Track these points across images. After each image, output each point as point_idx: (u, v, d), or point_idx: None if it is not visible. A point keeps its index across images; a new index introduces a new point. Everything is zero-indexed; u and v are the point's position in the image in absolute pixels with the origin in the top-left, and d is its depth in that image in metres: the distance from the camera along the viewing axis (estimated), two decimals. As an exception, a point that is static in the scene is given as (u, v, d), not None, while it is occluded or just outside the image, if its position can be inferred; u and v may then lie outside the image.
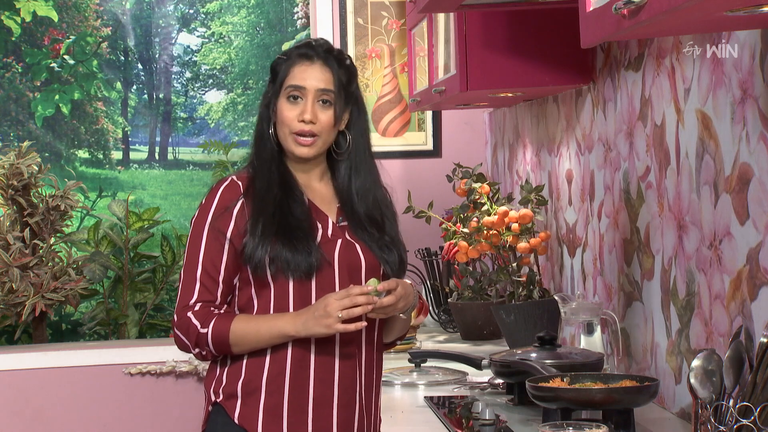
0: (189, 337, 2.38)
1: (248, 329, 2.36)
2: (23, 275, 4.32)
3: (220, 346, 2.37)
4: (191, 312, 2.38)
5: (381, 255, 2.46)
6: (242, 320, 2.38)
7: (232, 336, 2.36)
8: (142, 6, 4.94)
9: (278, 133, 2.46)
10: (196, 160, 5.04)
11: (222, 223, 2.40)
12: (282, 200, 2.41)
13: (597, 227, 3.18)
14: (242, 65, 5.00)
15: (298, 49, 2.48)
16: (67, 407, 4.37)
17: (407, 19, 4.22)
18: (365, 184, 2.50)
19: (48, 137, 4.87)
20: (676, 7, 1.50)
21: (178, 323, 2.40)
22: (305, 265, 2.36)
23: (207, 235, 2.41)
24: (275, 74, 2.48)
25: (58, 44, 4.85)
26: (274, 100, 2.46)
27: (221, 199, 2.43)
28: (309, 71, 2.44)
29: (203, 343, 2.37)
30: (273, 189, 2.41)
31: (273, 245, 2.36)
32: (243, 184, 2.44)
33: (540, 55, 3.24)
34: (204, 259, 2.40)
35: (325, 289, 2.38)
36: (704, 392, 2.13)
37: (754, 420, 1.97)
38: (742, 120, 2.19)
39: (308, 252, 2.37)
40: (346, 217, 2.48)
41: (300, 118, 2.42)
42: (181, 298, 2.41)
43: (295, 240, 2.37)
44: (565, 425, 2.12)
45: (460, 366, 3.22)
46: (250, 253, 2.36)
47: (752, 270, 2.17)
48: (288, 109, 2.44)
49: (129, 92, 4.96)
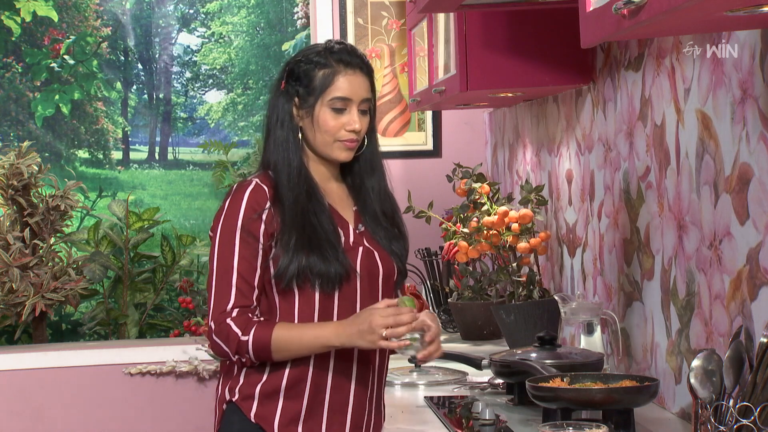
0: (229, 345, 2.36)
1: (291, 338, 2.36)
2: (23, 275, 4.32)
3: (260, 353, 2.36)
4: (230, 318, 2.35)
5: (392, 250, 2.50)
6: (284, 328, 2.37)
7: (273, 343, 2.35)
8: (142, 6, 4.94)
9: (314, 139, 2.45)
10: (196, 160, 5.04)
11: (253, 227, 2.38)
12: (310, 212, 2.40)
13: (597, 227, 3.18)
14: (242, 65, 4.99)
15: (334, 55, 2.44)
16: (67, 407, 4.37)
17: (407, 19, 4.22)
18: (379, 181, 2.53)
19: (48, 137, 4.87)
20: (676, 7, 1.50)
21: (216, 330, 2.36)
22: (336, 278, 2.39)
23: (239, 238, 2.38)
24: (307, 80, 2.43)
25: (58, 44, 4.85)
26: (308, 109, 2.44)
27: (249, 203, 2.39)
28: (354, 81, 2.43)
29: (244, 351, 2.35)
30: (301, 201, 2.40)
31: (305, 258, 2.37)
32: (268, 189, 2.41)
33: (540, 55, 3.24)
34: (239, 264, 2.37)
35: (348, 298, 2.42)
36: (704, 392, 2.13)
37: (754, 420, 1.97)
38: (742, 120, 2.19)
39: (338, 264, 2.39)
40: (362, 216, 2.50)
41: (349, 128, 2.42)
42: (216, 303, 2.37)
43: (326, 253, 2.38)
44: (565, 425, 2.12)
45: (460, 366, 3.22)
46: (284, 268, 2.37)
47: (752, 270, 2.17)
48: (333, 118, 2.43)
49: (129, 92, 4.96)
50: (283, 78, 2.48)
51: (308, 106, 2.43)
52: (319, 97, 2.42)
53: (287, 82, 2.46)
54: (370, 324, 2.32)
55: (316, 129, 2.43)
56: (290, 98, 2.45)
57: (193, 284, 4.86)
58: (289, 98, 2.46)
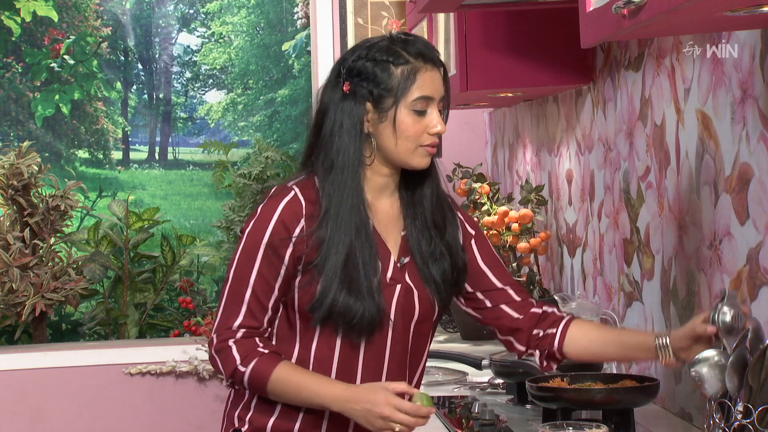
0: (225, 368, 2.16)
1: (289, 385, 2.14)
2: (23, 275, 4.32)
3: (255, 388, 2.17)
4: (233, 340, 2.15)
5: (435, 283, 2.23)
6: (285, 371, 2.15)
7: (270, 384, 2.14)
8: (142, 6, 4.94)
9: (394, 146, 2.15)
10: (196, 160, 5.04)
11: (280, 245, 2.14)
12: (356, 244, 2.15)
13: (597, 227, 3.18)
14: (242, 65, 5.00)
15: (410, 48, 2.16)
16: (67, 407, 4.37)
17: (407, 19, 4.22)
18: (434, 186, 2.24)
19: (48, 137, 4.87)
20: (676, 7, 1.50)
21: (217, 348, 2.17)
22: (367, 327, 2.15)
23: (262, 254, 2.15)
24: (382, 80, 2.14)
25: (58, 44, 4.85)
26: (384, 113, 2.14)
27: (282, 215, 2.15)
28: (435, 78, 2.16)
29: (239, 380, 2.16)
30: (350, 232, 2.14)
31: (340, 296, 2.13)
32: (306, 203, 2.16)
33: (540, 55, 3.24)
34: (255, 281, 2.15)
35: (376, 344, 2.18)
36: (710, 388, 2.12)
37: (752, 421, 1.97)
38: (742, 120, 2.19)
39: (374, 308, 2.14)
40: (408, 243, 2.23)
41: (433, 131, 2.15)
42: (222, 316, 2.17)
43: (361, 294, 2.13)
44: (565, 425, 2.12)
45: (460, 366, 3.22)
46: (317, 306, 2.14)
47: (752, 270, 2.17)
48: (416, 121, 2.14)
49: (129, 92, 4.96)
50: (343, 77, 2.17)
51: (385, 109, 2.14)
52: (400, 98, 2.13)
53: (352, 82, 2.16)
54: (382, 413, 2.09)
55: (398, 135, 2.14)
56: (361, 101, 2.15)
57: (193, 284, 4.86)
58: (359, 101, 2.15)
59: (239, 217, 4.51)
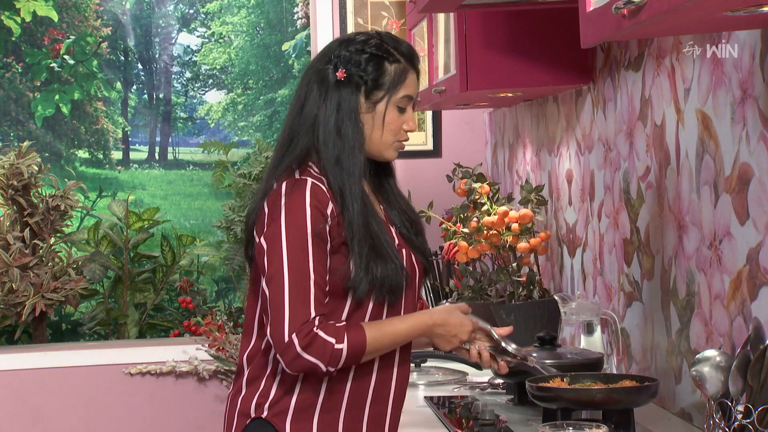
0: (322, 356, 2.19)
1: (384, 338, 2.27)
2: (23, 275, 4.32)
3: (352, 359, 2.23)
4: (317, 329, 2.19)
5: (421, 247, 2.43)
6: (373, 330, 2.25)
7: (369, 346, 2.23)
8: (142, 6, 4.94)
9: (378, 137, 2.32)
10: (196, 160, 5.04)
11: (322, 230, 2.22)
12: (371, 218, 2.28)
13: (597, 227, 3.18)
14: (242, 65, 5.00)
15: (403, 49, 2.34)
16: (67, 407, 4.37)
17: (407, 19, 4.22)
18: (395, 181, 2.46)
19: (48, 137, 4.87)
20: (676, 7, 1.50)
21: (304, 344, 2.18)
22: (401, 288, 2.31)
23: (311, 243, 2.22)
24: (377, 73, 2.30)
25: (58, 44, 4.85)
26: (372, 104, 2.32)
27: (313, 203, 2.23)
28: (415, 80, 2.36)
29: (337, 360, 2.20)
30: (367, 214, 2.27)
31: (377, 269, 2.26)
32: (325, 188, 2.26)
33: (540, 55, 3.24)
34: (315, 270, 2.21)
35: (395, 306, 2.33)
36: (711, 388, 2.13)
37: (752, 421, 1.97)
38: (742, 120, 2.19)
39: (403, 272, 2.30)
40: (389, 215, 2.42)
41: (408, 128, 2.34)
42: (293, 315, 2.19)
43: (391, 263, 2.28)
44: (565, 425, 2.12)
45: (460, 366, 3.22)
46: (359, 282, 2.25)
47: (752, 270, 2.17)
48: (398, 117, 2.32)
49: (129, 92, 4.96)
50: (338, 64, 2.30)
51: (374, 101, 2.31)
52: (390, 93, 2.30)
53: (349, 70, 2.30)
54: (458, 335, 2.36)
55: (384, 127, 2.32)
56: (356, 89, 2.30)
57: (193, 284, 4.86)
58: (354, 89, 2.30)
59: (239, 217, 4.51)
